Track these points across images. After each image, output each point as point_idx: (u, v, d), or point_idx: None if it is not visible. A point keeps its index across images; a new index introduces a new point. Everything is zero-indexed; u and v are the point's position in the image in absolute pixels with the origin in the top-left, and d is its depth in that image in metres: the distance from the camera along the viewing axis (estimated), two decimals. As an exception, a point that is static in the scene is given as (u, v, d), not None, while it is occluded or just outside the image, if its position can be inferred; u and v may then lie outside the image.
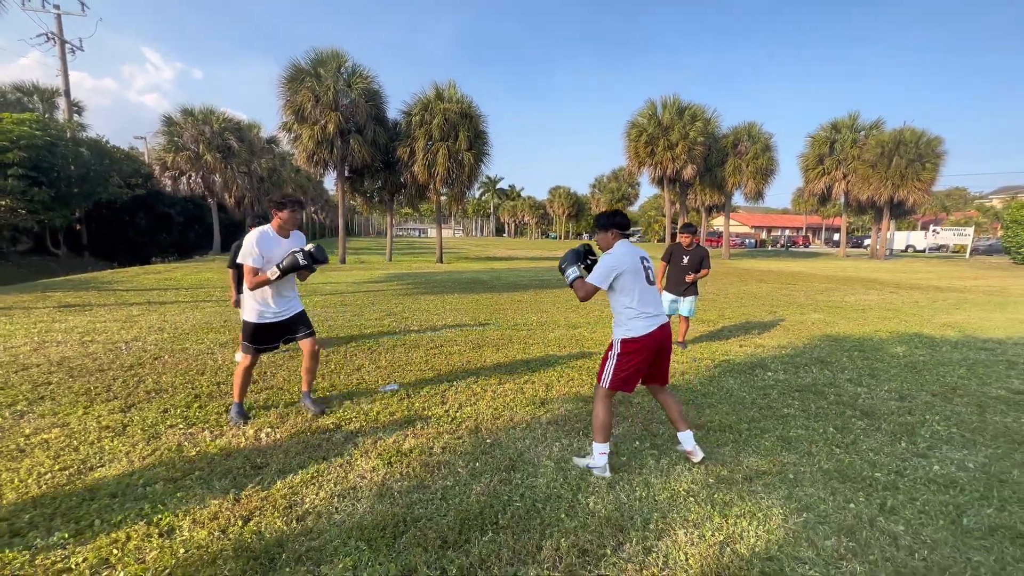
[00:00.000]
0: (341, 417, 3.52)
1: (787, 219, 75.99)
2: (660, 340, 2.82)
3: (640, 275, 2.80)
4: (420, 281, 13.18)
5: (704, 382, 4.51)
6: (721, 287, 12.64)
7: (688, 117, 24.96)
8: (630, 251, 2.81)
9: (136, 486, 2.54)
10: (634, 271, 2.77)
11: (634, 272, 2.77)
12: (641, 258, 2.83)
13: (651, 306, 2.80)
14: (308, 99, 16.69)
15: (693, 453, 2.91)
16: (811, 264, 23.98)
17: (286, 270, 3.18)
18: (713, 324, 7.44)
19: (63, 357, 4.82)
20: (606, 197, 54.82)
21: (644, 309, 2.77)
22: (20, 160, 16.65)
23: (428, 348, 5.58)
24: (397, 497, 2.48)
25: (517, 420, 3.52)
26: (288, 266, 3.17)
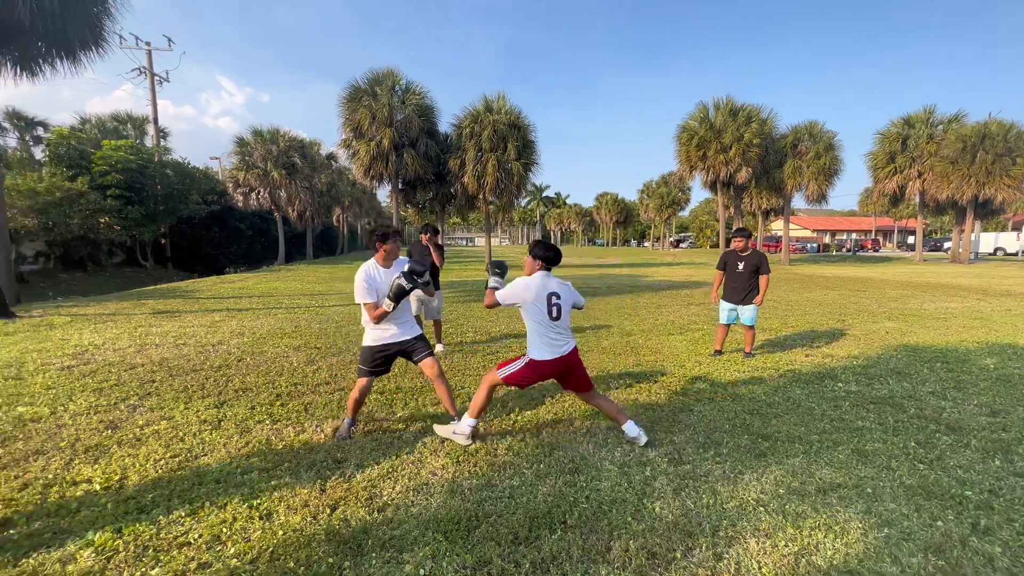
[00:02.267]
0: (408, 418, 3.71)
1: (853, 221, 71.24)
2: (564, 364, 3.13)
3: (542, 309, 3.03)
4: (471, 289, 13.48)
5: (769, 392, 4.37)
6: (782, 294, 12.08)
7: (743, 118, 24.09)
8: (540, 285, 3.07)
9: (235, 474, 2.82)
10: (536, 304, 3.03)
11: (536, 304, 3.04)
12: (550, 294, 3.05)
13: (557, 336, 3.08)
14: (365, 117, 17.59)
15: (638, 439, 3.19)
16: (882, 269, 22.36)
17: (396, 298, 3.20)
18: (775, 332, 7.15)
19: (162, 358, 5.37)
20: (655, 202, 53.61)
21: (550, 338, 3.06)
22: (117, 182, 18.59)
23: (485, 355, 5.74)
24: (467, 494, 2.61)
25: (577, 426, 3.57)
26: (396, 294, 3.18)
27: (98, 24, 8.23)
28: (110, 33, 8.69)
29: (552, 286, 3.09)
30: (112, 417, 3.66)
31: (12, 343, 6.01)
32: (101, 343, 6.05)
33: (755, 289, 5.59)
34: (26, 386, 4.35)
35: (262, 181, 24.15)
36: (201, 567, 2.04)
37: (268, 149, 24.16)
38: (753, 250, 5.66)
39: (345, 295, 11.85)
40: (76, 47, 8.18)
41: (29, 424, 3.51)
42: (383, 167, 18.39)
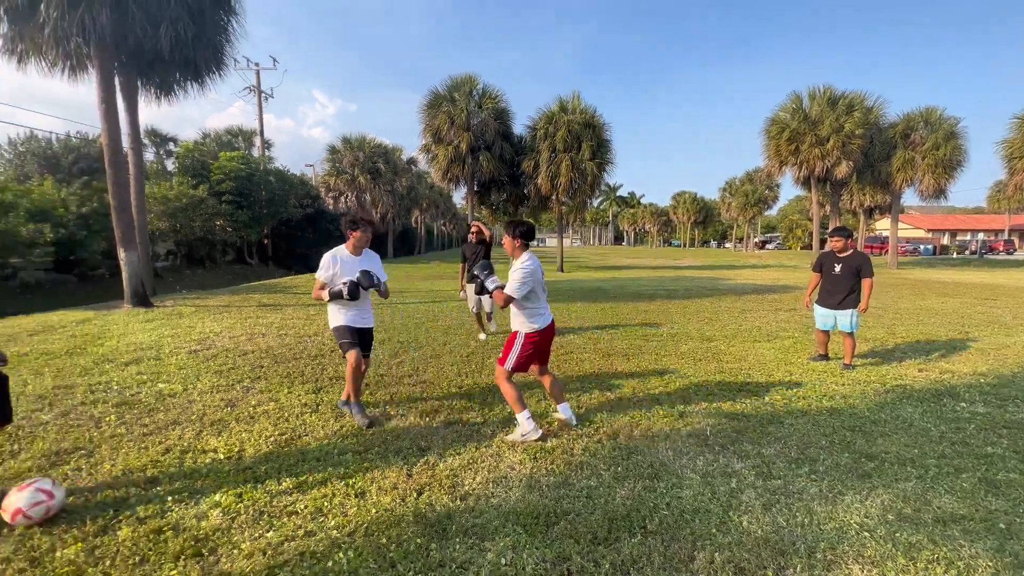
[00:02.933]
0: (486, 413, 3.83)
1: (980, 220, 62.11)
2: (551, 332, 3.48)
3: (543, 285, 3.42)
4: (543, 289, 13.52)
5: (873, 408, 3.97)
6: (889, 301, 10.85)
7: (843, 107, 21.89)
8: (537, 263, 3.34)
9: (332, 454, 3.09)
10: (541, 281, 3.38)
11: (541, 282, 3.38)
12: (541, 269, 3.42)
13: (545, 305, 3.46)
14: (444, 122, 18.29)
15: (569, 420, 3.54)
16: (1019, 275, 19.28)
17: (333, 296, 3.50)
18: (881, 343, 6.46)
19: (268, 346, 5.98)
20: (738, 201, 50.39)
21: (542, 309, 3.39)
22: (230, 189, 20.92)
23: (558, 354, 5.75)
24: (545, 490, 2.65)
25: (655, 431, 3.49)
26: (334, 295, 3.49)
27: (220, 50, 9.34)
28: (228, 57, 9.83)
29: (538, 261, 3.39)
30: (230, 396, 4.16)
31: (152, 328, 7.01)
32: (219, 331, 6.87)
33: (854, 293, 5.11)
34: (164, 366, 5.06)
35: (350, 185, 25.97)
36: (307, 534, 2.26)
37: (355, 155, 25.94)
38: (854, 251, 5.18)
39: (423, 293, 12.43)
40: (203, 71, 9.34)
41: (167, 399, 4.08)
42: (460, 170, 19.01)
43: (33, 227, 12.54)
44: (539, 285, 3.33)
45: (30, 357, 5.29)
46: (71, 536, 2.21)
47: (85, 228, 14.29)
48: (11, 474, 2.78)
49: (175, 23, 8.03)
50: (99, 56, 8.21)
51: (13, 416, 2.50)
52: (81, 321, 7.47)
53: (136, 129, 10.04)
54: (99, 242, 14.48)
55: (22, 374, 4.68)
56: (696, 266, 26.54)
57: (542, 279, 3.37)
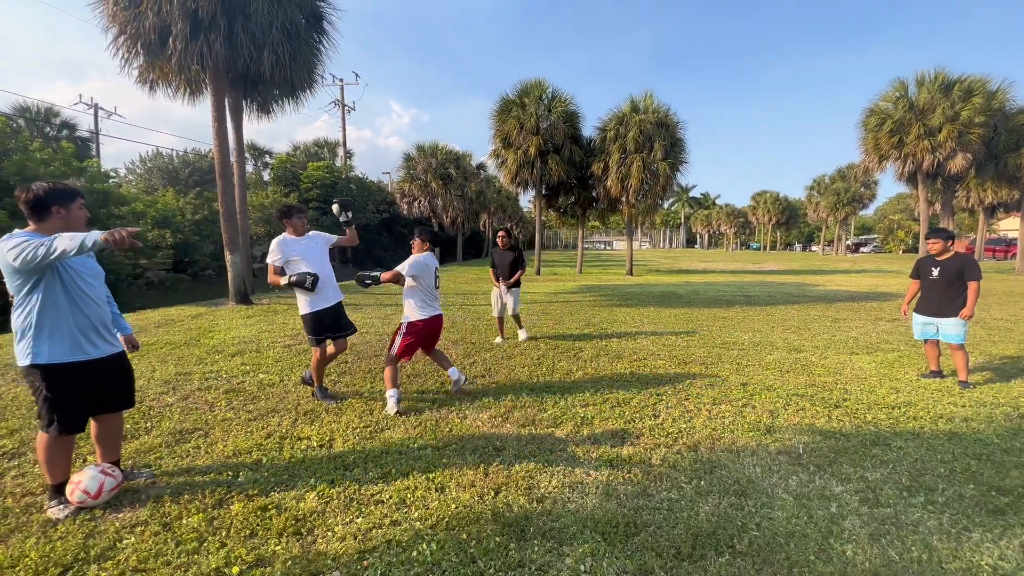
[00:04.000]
0: (558, 416, 3.82)
1: None
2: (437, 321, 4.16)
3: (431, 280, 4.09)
4: (612, 293, 13.27)
5: (1005, 435, 3.47)
6: (1017, 312, 9.44)
7: (958, 93, 19.39)
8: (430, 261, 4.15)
9: (413, 449, 3.22)
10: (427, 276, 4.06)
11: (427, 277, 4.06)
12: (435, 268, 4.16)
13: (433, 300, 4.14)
14: (514, 127, 18.54)
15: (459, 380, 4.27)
16: None
17: (295, 284, 3.85)
18: (1011, 361, 5.63)
19: (351, 344, 6.36)
20: (827, 200, 46.26)
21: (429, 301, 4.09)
22: (316, 196, 22.61)
23: (631, 360, 5.61)
24: (623, 500, 2.59)
25: (740, 445, 3.29)
26: (296, 282, 3.84)
27: (312, 69, 10.16)
28: (319, 75, 10.66)
29: (434, 263, 4.19)
30: (320, 389, 4.48)
31: (252, 324, 7.74)
32: (308, 328, 7.43)
33: (957, 300, 4.54)
34: (263, 358, 5.56)
35: (423, 191, 27.09)
36: (393, 524, 2.38)
37: (428, 162, 27.03)
38: (955, 254, 4.61)
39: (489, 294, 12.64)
40: (298, 89, 10.20)
41: (267, 388, 4.48)
42: (529, 174, 19.16)
43: (158, 232, 14.35)
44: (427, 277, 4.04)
45: (156, 346, 6.04)
46: (194, 506, 2.49)
47: (197, 233, 16.12)
48: (146, 448, 3.19)
49: (275, 47, 8.85)
50: (213, 81, 9.25)
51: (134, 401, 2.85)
52: (195, 316, 8.42)
53: (241, 144, 11.16)
54: (208, 245, 16.26)
55: (151, 361, 5.36)
56: (779, 271, 24.72)
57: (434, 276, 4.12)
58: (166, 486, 2.72)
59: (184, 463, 3.00)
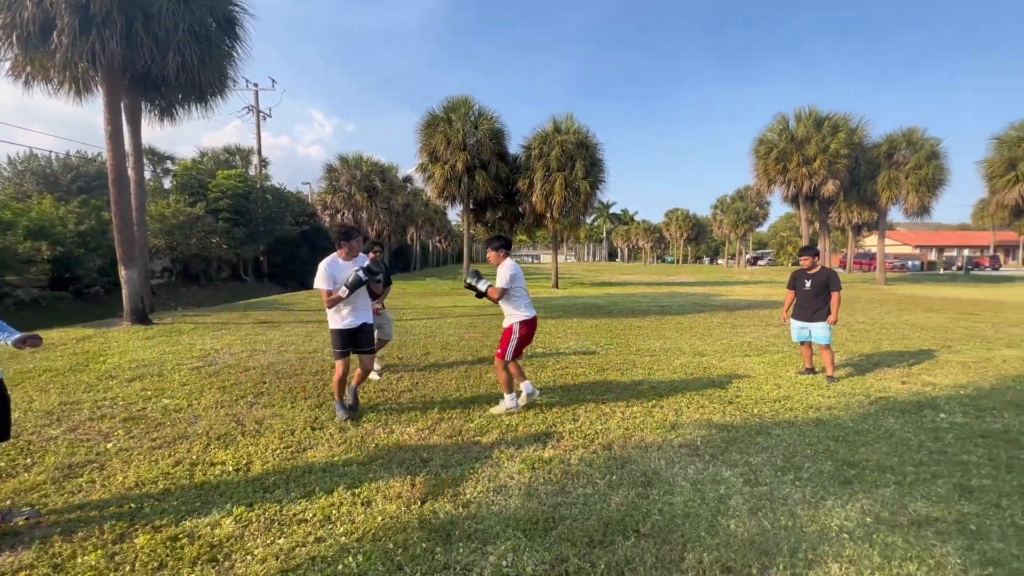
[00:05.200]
0: (484, 426, 3.95)
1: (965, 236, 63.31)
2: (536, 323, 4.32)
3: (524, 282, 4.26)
4: (538, 306, 13.67)
5: (857, 419, 4.14)
6: (876, 316, 11.11)
7: (828, 128, 22.60)
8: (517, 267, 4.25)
9: (338, 466, 3.20)
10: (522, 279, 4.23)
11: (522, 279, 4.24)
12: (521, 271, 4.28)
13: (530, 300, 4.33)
14: (441, 142, 18.67)
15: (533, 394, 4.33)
16: (1002, 291, 19.72)
17: (352, 286, 3.87)
18: (867, 357, 6.66)
19: (270, 363, 6.08)
20: (729, 218, 51.15)
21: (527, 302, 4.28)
22: (227, 206, 21.10)
23: (554, 369, 5.90)
24: (543, 498, 2.78)
25: (648, 441, 3.63)
26: (353, 283, 3.87)
27: (224, 74, 9.61)
28: (231, 80, 10.10)
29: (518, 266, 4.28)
30: (235, 412, 4.26)
31: (153, 345, 7.08)
32: (220, 348, 6.95)
33: (824, 308, 5.39)
34: (167, 382, 5.15)
35: (346, 203, 26.19)
36: (317, 540, 2.37)
37: (352, 173, 26.23)
38: (822, 268, 5.49)
39: (419, 309, 12.55)
40: (207, 94, 9.59)
41: (173, 414, 4.18)
42: (456, 188, 19.32)
43: (31, 245, 12.61)
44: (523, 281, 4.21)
45: (34, 374, 5.36)
46: (91, 543, 2.31)
47: (83, 246, 14.37)
48: (27, 486, 2.87)
49: (182, 49, 8.29)
50: (107, 81, 8.45)
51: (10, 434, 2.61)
52: (81, 338, 7.53)
53: (139, 150, 10.23)
54: (96, 259, 14.54)
55: (27, 391, 4.75)
56: (689, 282, 26.86)
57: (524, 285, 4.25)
58: (55, 525, 2.48)
59: (76, 499, 2.75)
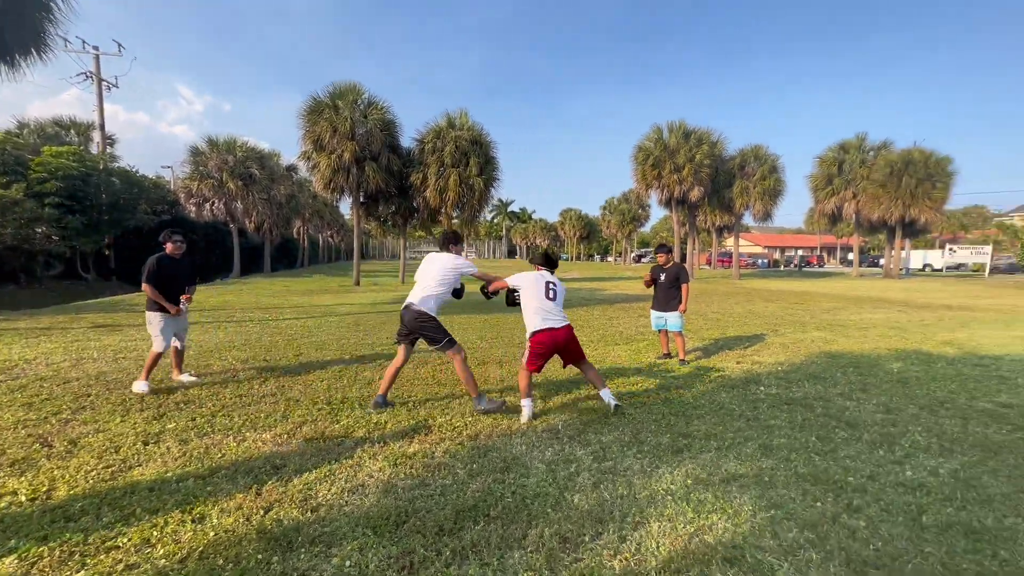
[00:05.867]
0: (351, 425, 3.81)
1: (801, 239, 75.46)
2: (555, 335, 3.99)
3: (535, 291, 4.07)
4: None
5: (697, 396, 4.72)
6: (727, 307, 12.77)
7: (694, 140, 25.42)
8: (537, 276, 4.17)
9: (170, 482, 2.85)
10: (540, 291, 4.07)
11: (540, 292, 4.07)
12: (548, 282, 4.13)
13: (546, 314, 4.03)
14: (327, 130, 17.53)
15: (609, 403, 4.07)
16: (822, 284, 23.87)
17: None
18: (714, 341, 7.62)
19: (99, 372, 5.22)
20: (616, 219, 55.22)
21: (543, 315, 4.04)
22: (56, 190, 17.69)
23: (436, 364, 5.87)
24: (401, 493, 2.75)
25: (515, 428, 3.77)
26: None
27: (40, 29, 8.00)
28: (53, 38, 8.44)
29: (544, 278, 4.15)
30: (42, 431, 3.59)
31: (-68, 358, 5.69)
32: (32, 358, 5.82)
33: (676, 298, 6.09)
34: (-53, 402, 4.17)
35: (217, 192, 23.48)
36: (128, 568, 2.09)
37: (224, 159, 23.56)
38: (674, 263, 6.20)
39: (300, 308, 11.70)
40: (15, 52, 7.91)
41: (-51, 439, 3.39)
42: (344, 180, 18.31)
43: None
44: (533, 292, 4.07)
45: None
46: None
47: None
48: None
49: (-25, -7, 6.73)
50: None
51: None
52: None
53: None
54: None
55: None
56: (579, 278, 28.49)
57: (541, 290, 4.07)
58: None
59: None
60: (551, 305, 4.04)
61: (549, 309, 4.02)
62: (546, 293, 4.06)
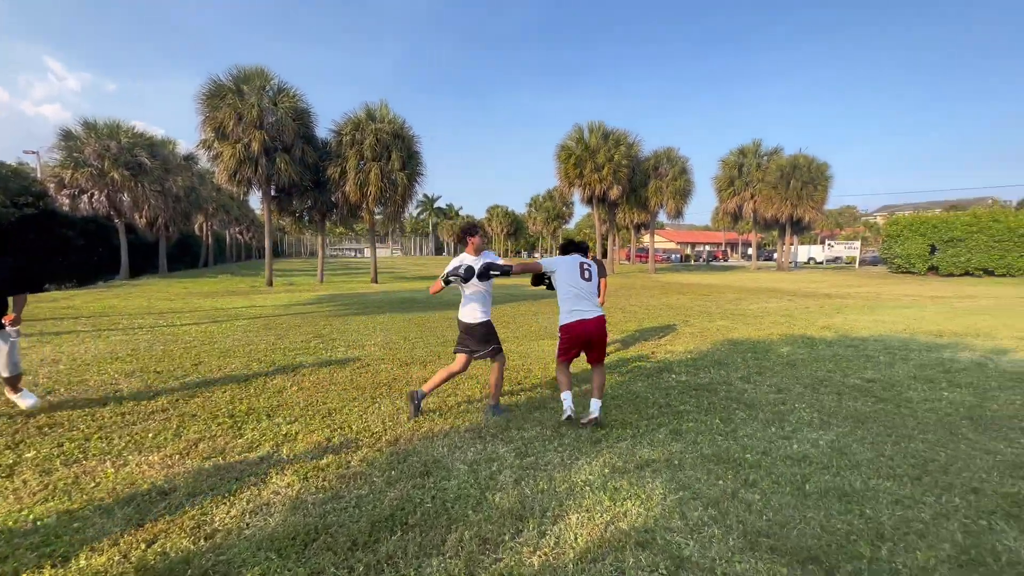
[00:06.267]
0: (256, 439, 3.50)
1: (709, 235, 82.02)
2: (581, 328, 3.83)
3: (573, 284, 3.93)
4: (352, 302, 12.96)
5: (615, 386, 4.92)
6: (644, 300, 13.51)
7: (612, 141, 26.60)
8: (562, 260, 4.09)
9: (27, 521, 2.43)
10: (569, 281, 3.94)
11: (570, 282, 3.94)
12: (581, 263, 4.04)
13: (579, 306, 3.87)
14: (230, 117, 16.06)
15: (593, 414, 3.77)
16: (726, 277, 26.11)
17: (447, 281, 3.87)
18: (632, 334, 8.01)
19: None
20: (542, 215, 56.43)
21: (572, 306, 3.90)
22: None
23: (355, 368, 5.60)
24: (311, 509, 2.57)
25: (437, 430, 3.68)
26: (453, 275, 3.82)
27: None
28: None
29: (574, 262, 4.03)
30: None
31: None
32: None
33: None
34: None
35: (96, 182, 20.66)
36: (-38, 632, 1.74)
37: (105, 145, 20.77)
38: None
39: (202, 312, 10.65)
40: None
41: None
42: (252, 172, 16.90)
43: None
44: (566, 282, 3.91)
45: None
46: None
47: None
48: None
49: None
50: None
51: None
52: None
53: None
54: None
55: None
56: (506, 274, 28.70)
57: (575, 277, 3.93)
58: None
59: None
60: (585, 285, 3.92)
61: (583, 290, 3.90)
62: (581, 274, 3.96)
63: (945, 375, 5.24)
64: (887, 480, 2.93)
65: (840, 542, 2.31)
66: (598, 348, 3.92)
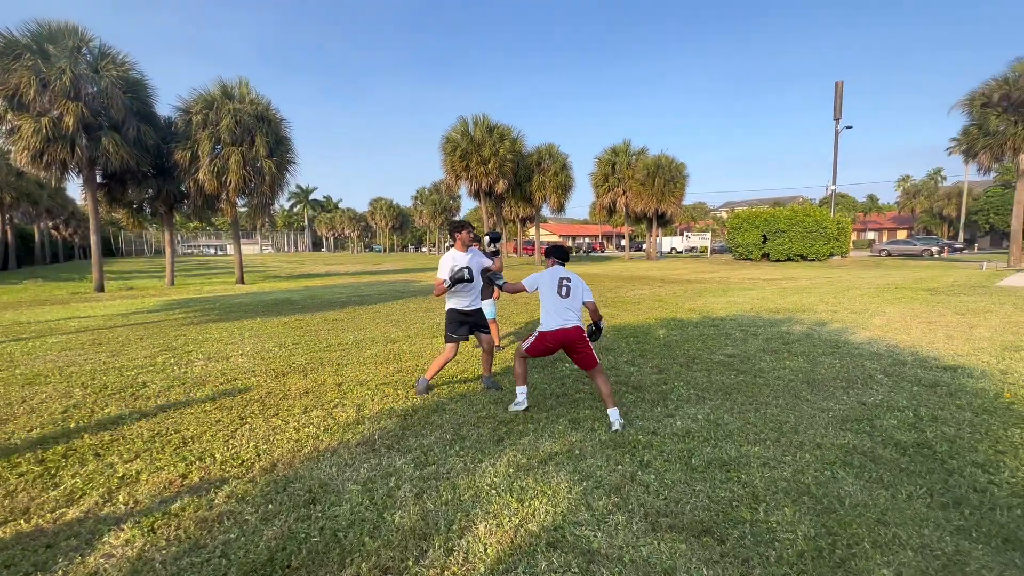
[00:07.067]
0: (80, 488, 2.77)
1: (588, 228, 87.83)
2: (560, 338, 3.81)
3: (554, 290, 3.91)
4: (213, 307, 11.30)
5: (512, 381, 4.88)
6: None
7: (497, 136, 26.92)
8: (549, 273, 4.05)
9: None
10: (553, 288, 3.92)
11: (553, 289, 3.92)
12: (562, 278, 3.95)
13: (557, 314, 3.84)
14: (30, 83, 12.86)
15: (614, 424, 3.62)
16: (604, 266, 28.15)
17: (456, 281, 4.18)
18: (524, 325, 8.13)
19: None
20: (428, 209, 55.38)
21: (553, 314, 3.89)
22: None
23: (216, 383, 4.82)
24: (160, 568, 2.07)
25: (323, 448, 3.28)
26: (456, 279, 4.17)
27: None
28: None
29: (557, 274, 3.97)
30: None
31: None
32: None
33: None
34: None
35: None
36: None
37: None
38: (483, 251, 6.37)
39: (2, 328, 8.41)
40: None
41: None
42: (67, 153, 13.79)
43: None
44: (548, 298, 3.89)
45: None
46: None
47: None
48: None
49: None
50: None
51: None
52: None
53: None
54: None
55: None
56: (394, 270, 27.63)
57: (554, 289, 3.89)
58: None
59: None
60: (565, 303, 3.85)
61: (565, 307, 3.84)
62: (559, 290, 3.87)
63: (785, 347, 6.15)
64: (755, 445, 3.28)
65: (726, 510, 2.49)
66: (581, 351, 3.83)
